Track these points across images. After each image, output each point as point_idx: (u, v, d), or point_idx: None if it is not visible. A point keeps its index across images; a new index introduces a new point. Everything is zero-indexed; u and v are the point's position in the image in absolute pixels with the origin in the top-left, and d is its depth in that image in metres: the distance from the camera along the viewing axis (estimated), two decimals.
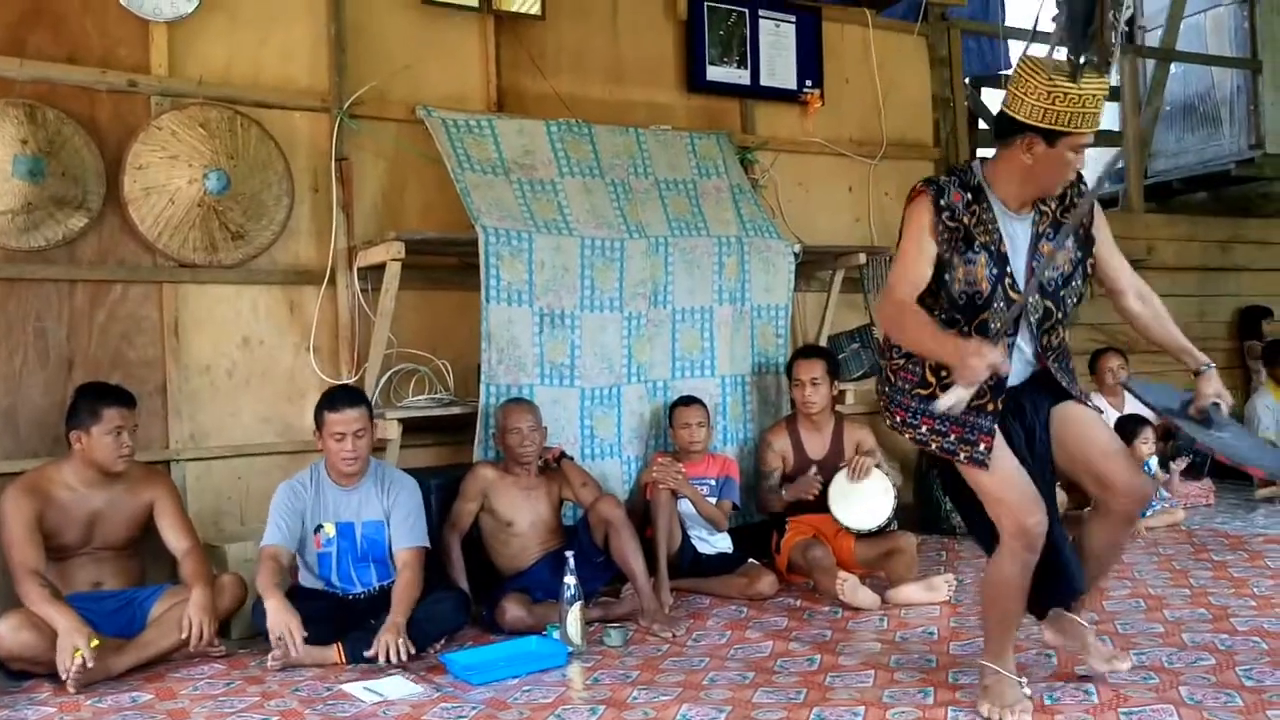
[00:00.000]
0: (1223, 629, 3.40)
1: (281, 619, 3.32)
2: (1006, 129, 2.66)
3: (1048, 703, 2.79)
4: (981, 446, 2.68)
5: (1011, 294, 2.69)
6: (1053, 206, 2.78)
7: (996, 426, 2.70)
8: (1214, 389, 2.80)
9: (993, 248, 2.69)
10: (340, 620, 3.54)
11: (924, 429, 2.75)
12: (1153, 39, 8.14)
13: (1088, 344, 6.34)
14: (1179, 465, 5.63)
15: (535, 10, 4.88)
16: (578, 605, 3.41)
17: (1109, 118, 7.78)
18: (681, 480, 4.12)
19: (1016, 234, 2.74)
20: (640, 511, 4.16)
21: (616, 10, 5.25)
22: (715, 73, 5.44)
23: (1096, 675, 2.95)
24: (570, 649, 3.40)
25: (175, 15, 4.16)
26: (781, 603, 4.04)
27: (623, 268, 4.54)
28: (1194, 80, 8.09)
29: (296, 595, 3.53)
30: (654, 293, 4.64)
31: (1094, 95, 2.54)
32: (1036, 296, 2.74)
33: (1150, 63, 7.74)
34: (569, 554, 3.45)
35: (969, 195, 2.71)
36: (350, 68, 4.55)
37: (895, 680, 3.05)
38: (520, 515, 3.95)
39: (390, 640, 3.31)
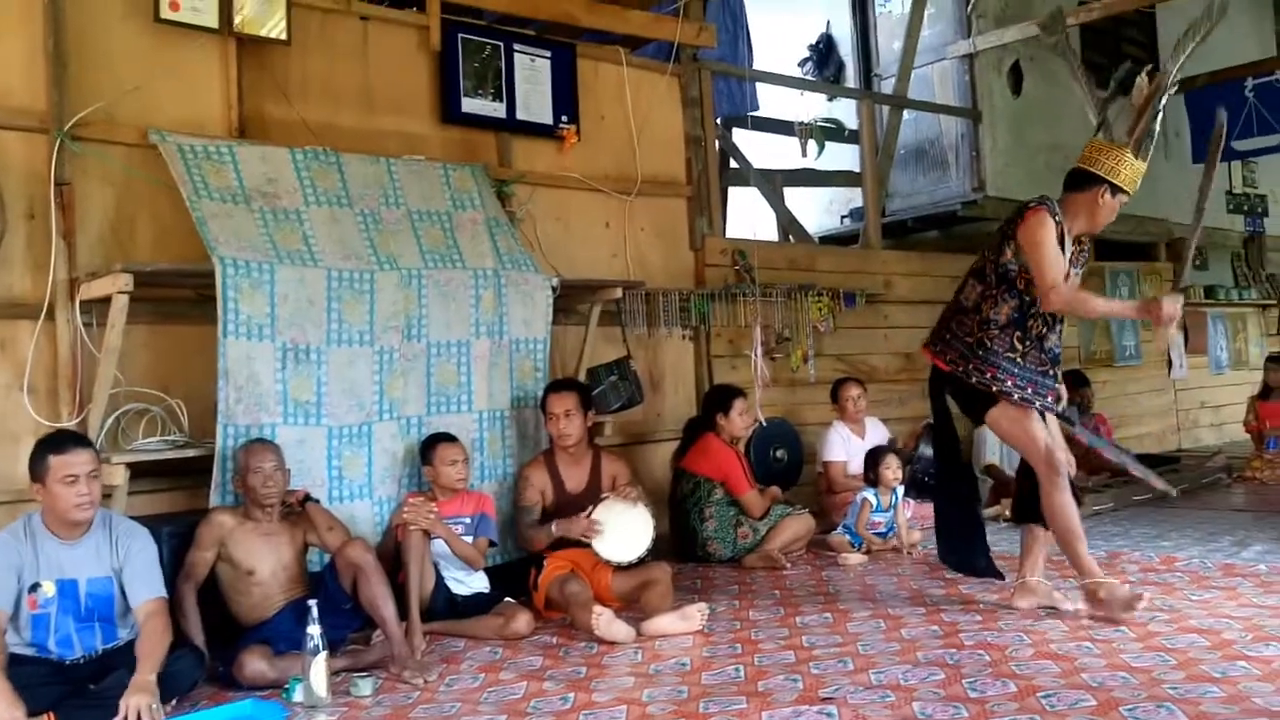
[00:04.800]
0: (952, 644, 3.62)
1: (6, 715, 2.96)
2: (1086, 180, 3.82)
3: None
4: (1049, 398, 3.84)
5: None
6: (1083, 242, 3.97)
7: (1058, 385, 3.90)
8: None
9: (1066, 258, 3.80)
10: (54, 687, 3.21)
11: (1009, 383, 3.81)
12: (887, 87, 8.73)
13: (830, 373, 6.67)
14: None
15: (280, 35, 4.69)
16: (322, 656, 3.24)
17: (850, 159, 8.29)
18: (434, 520, 4.01)
19: (1067, 254, 3.85)
20: (392, 554, 4.02)
21: (367, 39, 5.13)
22: (470, 105, 5.40)
23: (1065, 611, 3.91)
24: (286, 710, 3.21)
25: None
26: (538, 641, 3.99)
27: (373, 300, 4.41)
28: (924, 127, 8.75)
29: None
30: (407, 326, 4.52)
31: (1142, 170, 3.84)
32: None
33: (885, 109, 8.29)
34: (312, 602, 3.28)
35: (1057, 218, 3.79)
36: (73, 86, 4.23)
37: (647, 714, 3.06)
38: (262, 562, 3.74)
39: (140, 703, 3.00)
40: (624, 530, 4.28)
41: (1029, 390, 3.85)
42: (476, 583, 4.28)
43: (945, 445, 4.30)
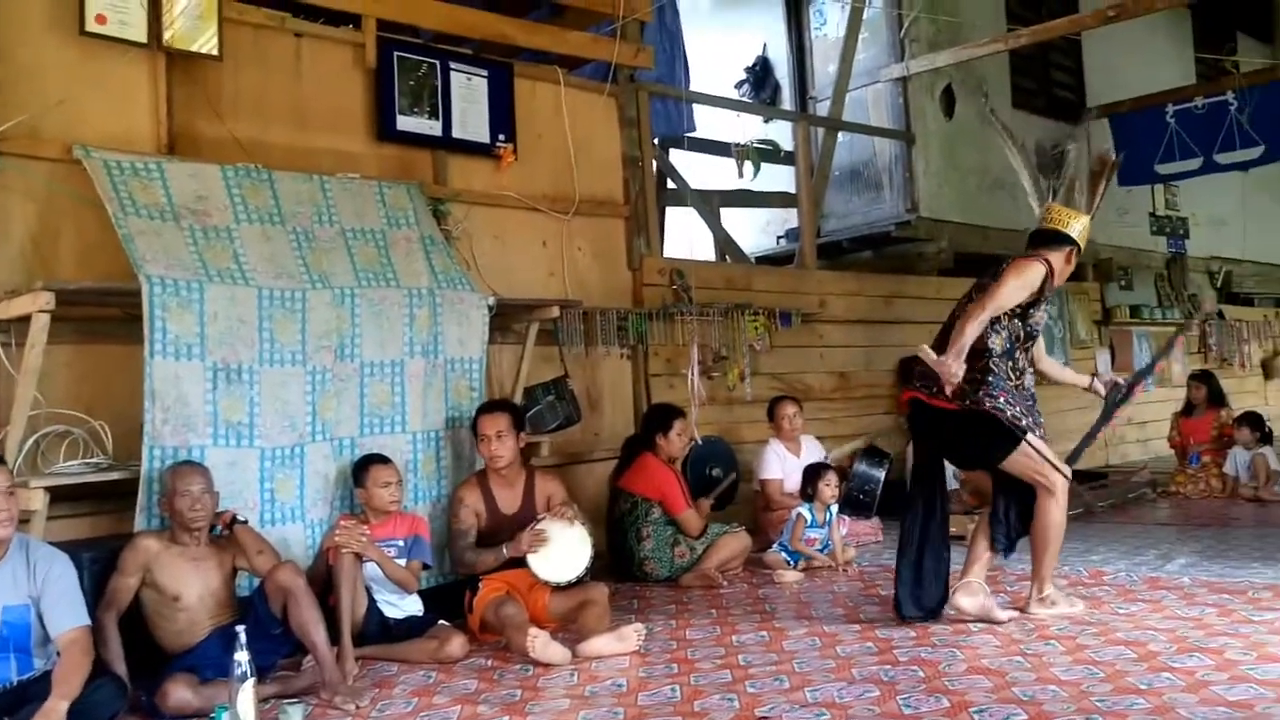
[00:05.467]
0: (887, 660, 3.65)
1: None
2: (1059, 240, 4.13)
3: None
4: (1039, 431, 4.05)
5: (1039, 335, 4.22)
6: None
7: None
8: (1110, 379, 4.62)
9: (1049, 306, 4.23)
10: None
11: (1016, 410, 3.98)
12: (823, 109, 8.85)
13: (766, 392, 6.71)
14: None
15: (212, 50, 4.63)
16: (249, 683, 3.15)
17: (786, 180, 8.37)
18: (367, 543, 3.95)
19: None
20: (324, 577, 3.95)
21: (300, 55, 5.08)
22: (406, 123, 5.37)
23: (999, 621, 4.04)
24: None
25: None
26: (472, 664, 3.94)
27: (305, 319, 4.35)
28: (859, 149, 8.87)
29: None
30: (340, 346, 4.46)
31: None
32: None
33: (820, 131, 8.39)
34: (240, 628, 3.20)
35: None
36: None
37: None
38: (188, 588, 3.64)
39: None
40: (561, 550, 4.25)
41: (1027, 420, 4.01)
42: (410, 606, 4.22)
43: (929, 489, 4.25)
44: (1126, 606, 4.26)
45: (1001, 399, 3.96)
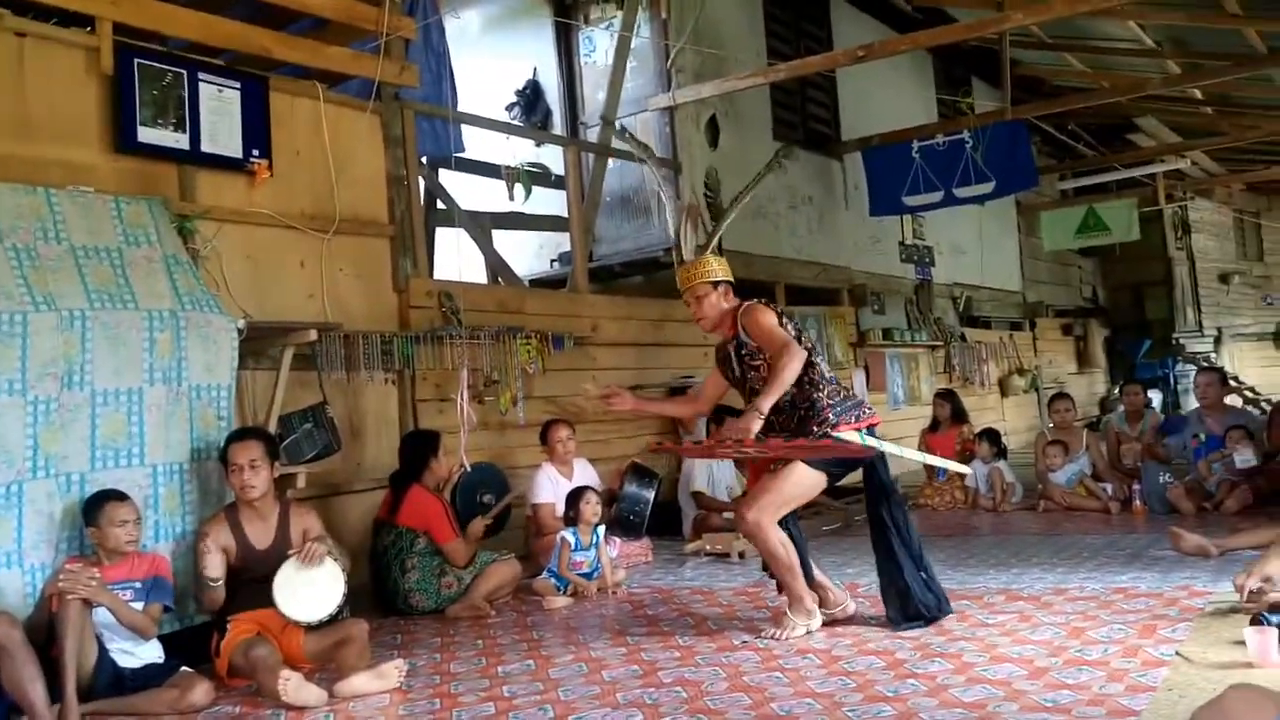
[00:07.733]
0: (651, 683, 3.65)
1: None
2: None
3: None
4: None
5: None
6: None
7: None
8: None
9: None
10: None
11: None
12: (593, 135, 8.93)
13: (540, 415, 6.68)
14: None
15: None
16: None
17: (558, 204, 8.39)
18: (96, 588, 3.61)
19: None
20: (46, 628, 3.59)
21: (23, 57, 4.65)
22: (149, 134, 5.02)
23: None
24: None
25: None
26: (218, 712, 3.68)
27: (26, 344, 3.97)
28: (628, 175, 9.00)
29: None
30: (68, 373, 4.10)
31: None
32: None
33: (591, 156, 8.47)
34: None
35: None
36: None
37: None
38: None
39: None
40: (313, 587, 4.03)
41: None
42: (147, 653, 3.89)
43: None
44: (879, 616, 4.45)
45: None
